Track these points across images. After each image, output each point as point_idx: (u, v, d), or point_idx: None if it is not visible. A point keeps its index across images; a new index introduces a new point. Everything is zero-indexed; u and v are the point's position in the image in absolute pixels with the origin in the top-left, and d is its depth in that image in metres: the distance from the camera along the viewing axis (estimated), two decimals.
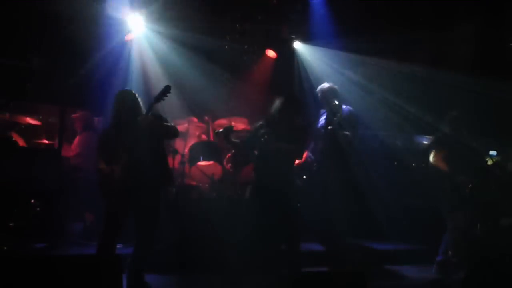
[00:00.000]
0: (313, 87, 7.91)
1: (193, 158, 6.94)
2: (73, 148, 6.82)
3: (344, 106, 6.59)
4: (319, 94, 6.65)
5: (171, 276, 5.48)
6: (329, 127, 6.51)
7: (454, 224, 5.82)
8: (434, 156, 5.97)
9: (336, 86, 6.61)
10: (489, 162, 5.69)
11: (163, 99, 4.74)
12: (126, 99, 4.90)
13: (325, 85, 6.65)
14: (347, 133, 6.47)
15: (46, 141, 7.22)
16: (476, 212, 5.63)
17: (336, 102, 6.47)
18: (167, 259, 5.61)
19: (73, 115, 7.15)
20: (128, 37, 7.46)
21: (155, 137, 4.83)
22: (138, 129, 4.70)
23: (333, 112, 6.56)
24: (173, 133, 5.00)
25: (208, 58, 8.22)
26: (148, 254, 4.95)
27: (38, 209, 5.93)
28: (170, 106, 7.00)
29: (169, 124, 4.92)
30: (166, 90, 4.74)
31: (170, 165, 6.45)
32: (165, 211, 5.85)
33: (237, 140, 5.44)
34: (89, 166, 6.05)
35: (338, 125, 6.41)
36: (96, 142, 4.97)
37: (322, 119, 6.71)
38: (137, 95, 4.96)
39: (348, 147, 6.60)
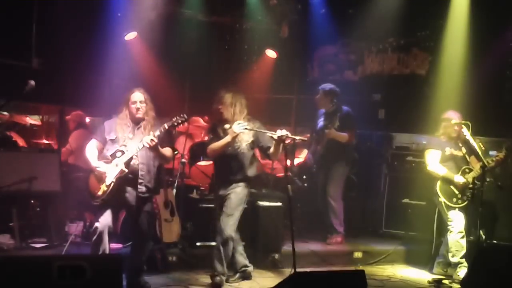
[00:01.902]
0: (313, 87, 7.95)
1: (193, 158, 6.94)
2: (66, 146, 6.85)
3: (343, 107, 6.62)
4: (319, 95, 6.68)
5: (171, 275, 5.47)
6: (326, 130, 6.53)
7: (454, 224, 5.82)
8: (428, 157, 5.99)
9: (337, 88, 6.65)
10: (489, 162, 5.66)
11: (177, 126, 4.73)
12: (138, 99, 4.78)
13: (327, 86, 6.68)
14: (345, 134, 6.50)
15: (46, 141, 7.21)
16: (476, 212, 5.62)
17: (335, 104, 6.51)
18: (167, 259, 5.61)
19: (66, 117, 7.15)
20: (128, 37, 7.46)
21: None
22: (140, 141, 4.66)
23: (329, 114, 6.59)
24: (167, 161, 5.05)
25: (208, 58, 8.22)
26: (144, 253, 4.95)
27: (38, 209, 5.93)
28: (171, 106, 7.02)
29: (168, 152, 4.83)
30: (184, 120, 4.68)
31: (170, 166, 6.46)
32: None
33: None
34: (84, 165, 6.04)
35: (337, 127, 6.44)
36: (98, 142, 4.86)
37: (321, 121, 6.74)
38: (148, 96, 4.85)
39: (346, 147, 6.62)
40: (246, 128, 4.98)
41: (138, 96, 4.80)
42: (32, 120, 7.38)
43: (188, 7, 7.87)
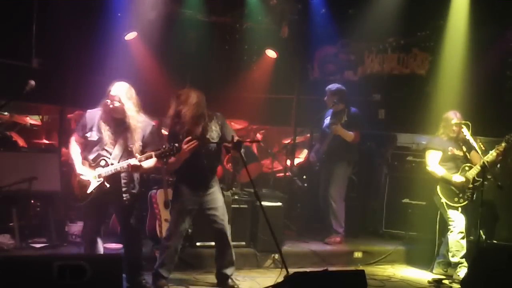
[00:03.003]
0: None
1: None
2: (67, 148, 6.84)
3: (352, 108, 6.63)
4: (326, 95, 6.70)
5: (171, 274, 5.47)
6: (333, 126, 6.55)
7: (454, 224, 5.83)
8: (428, 157, 5.99)
9: (343, 88, 6.67)
10: (489, 157, 5.66)
11: (164, 157, 4.58)
12: (112, 96, 4.56)
13: (333, 86, 6.70)
14: (351, 133, 6.50)
15: (46, 141, 7.21)
16: (476, 212, 5.63)
17: (341, 104, 6.53)
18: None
19: (68, 115, 7.14)
20: (128, 37, 7.46)
21: None
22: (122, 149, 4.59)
23: (336, 113, 6.60)
24: (150, 173, 4.98)
25: (208, 58, 8.22)
26: (141, 251, 4.92)
27: (38, 209, 5.92)
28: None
29: (150, 164, 4.63)
30: (175, 152, 4.52)
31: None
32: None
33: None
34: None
35: (343, 125, 6.45)
36: (79, 137, 4.71)
37: (327, 119, 6.75)
38: (128, 92, 4.60)
39: (350, 148, 6.62)
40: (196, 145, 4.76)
41: (114, 92, 4.56)
42: (32, 120, 7.36)
43: (188, 7, 7.87)
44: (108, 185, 4.55)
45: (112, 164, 4.54)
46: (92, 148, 4.61)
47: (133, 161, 4.47)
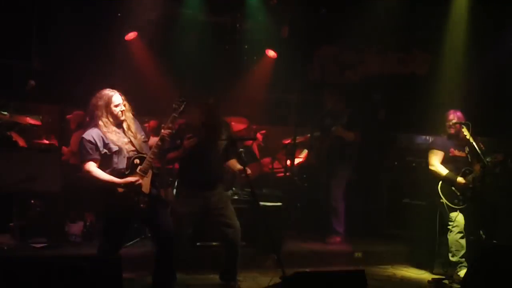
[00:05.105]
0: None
1: None
2: (68, 147, 6.85)
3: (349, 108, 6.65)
4: (326, 95, 6.72)
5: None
6: (333, 128, 6.56)
7: (454, 224, 5.83)
8: (431, 157, 6.00)
9: (342, 88, 6.68)
10: (489, 162, 5.67)
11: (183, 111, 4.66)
12: (121, 101, 4.52)
13: (333, 86, 6.72)
14: (352, 133, 6.52)
15: (46, 141, 7.21)
16: (476, 212, 5.63)
17: (341, 104, 6.55)
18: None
19: (67, 116, 7.15)
20: (128, 37, 7.46)
21: None
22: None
23: (337, 113, 6.62)
24: None
25: (208, 58, 8.22)
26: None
27: (38, 209, 5.93)
28: (171, 106, 7.00)
29: None
30: (184, 101, 4.59)
31: (170, 166, 6.46)
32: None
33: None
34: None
35: (344, 125, 6.46)
36: (97, 160, 4.45)
37: (327, 119, 6.76)
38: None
39: (350, 148, 6.63)
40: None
41: (118, 100, 4.51)
42: (32, 120, 7.37)
43: (188, 7, 7.87)
44: (158, 171, 4.58)
45: (145, 154, 4.46)
46: (116, 159, 4.45)
47: (164, 131, 4.48)
